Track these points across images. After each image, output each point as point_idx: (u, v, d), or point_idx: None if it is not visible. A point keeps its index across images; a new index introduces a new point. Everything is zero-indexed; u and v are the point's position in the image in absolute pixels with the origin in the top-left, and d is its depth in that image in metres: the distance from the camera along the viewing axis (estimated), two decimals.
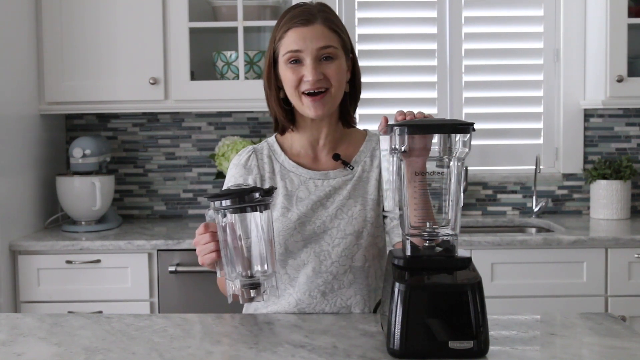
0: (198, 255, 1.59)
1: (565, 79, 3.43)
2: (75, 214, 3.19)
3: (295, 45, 1.66)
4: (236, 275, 1.52)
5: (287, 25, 1.69)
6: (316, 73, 1.66)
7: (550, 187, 3.49)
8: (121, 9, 3.14)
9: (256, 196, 1.49)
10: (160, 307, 2.91)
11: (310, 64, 1.66)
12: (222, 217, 1.51)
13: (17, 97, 3.04)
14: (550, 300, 2.88)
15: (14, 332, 1.59)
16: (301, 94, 1.69)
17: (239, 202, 1.49)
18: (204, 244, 1.57)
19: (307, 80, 1.66)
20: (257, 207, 1.50)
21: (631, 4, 3.14)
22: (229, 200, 1.50)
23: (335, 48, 1.69)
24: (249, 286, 1.52)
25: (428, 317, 1.35)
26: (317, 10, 1.71)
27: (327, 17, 1.70)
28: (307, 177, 1.77)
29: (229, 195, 1.50)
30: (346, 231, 1.73)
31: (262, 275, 1.52)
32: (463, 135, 1.42)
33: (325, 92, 1.69)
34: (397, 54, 3.46)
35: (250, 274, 1.52)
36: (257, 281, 1.52)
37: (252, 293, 1.52)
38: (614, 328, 1.57)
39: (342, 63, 1.71)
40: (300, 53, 1.67)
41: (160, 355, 1.42)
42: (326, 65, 1.68)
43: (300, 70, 1.67)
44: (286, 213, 1.73)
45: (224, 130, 3.50)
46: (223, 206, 1.50)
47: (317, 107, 1.68)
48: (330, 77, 1.68)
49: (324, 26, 1.68)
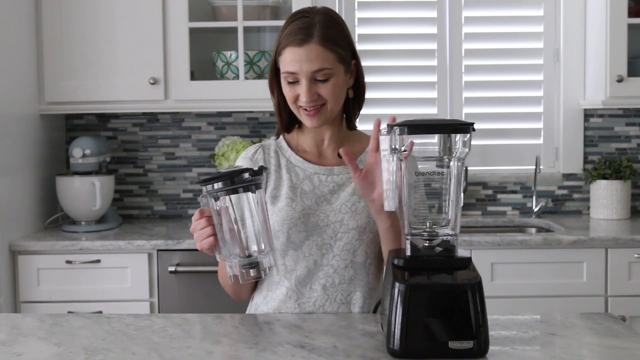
0: (196, 241, 1.62)
1: (565, 79, 3.44)
2: (75, 214, 3.19)
3: (291, 67, 1.70)
4: (234, 257, 1.54)
5: (285, 41, 1.71)
6: (310, 94, 1.70)
7: (550, 187, 3.49)
8: (121, 9, 3.14)
9: (246, 176, 1.52)
10: (160, 307, 2.91)
11: (305, 86, 1.69)
12: (214, 200, 1.54)
13: (17, 97, 3.04)
14: (550, 300, 2.88)
15: (14, 332, 1.59)
16: (299, 107, 1.74)
17: (230, 183, 1.51)
18: (201, 229, 1.60)
19: (302, 100, 1.71)
20: (248, 187, 1.52)
21: (631, 4, 3.14)
22: (220, 183, 1.51)
23: (330, 69, 1.70)
24: (247, 266, 1.54)
25: (428, 317, 1.35)
26: (316, 22, 1.70)
27: (323, 34, 1.69)
28: (312, 171, 1.80)
29: (219, 178, 1.52)
30: (349, 225, 1.74)
31: (260, 254, 1.54)
32: (463, 135, 1.42)
33: (321, 107, 1.73)
34: (397, 54, 3.47)
35: (247, 254, 1.54)
36: (255, 260, 1.55)
37: (252, 273, 1.54)
38: (614, 328, 1.57)
39: (338, 80, 1.72)
40: (296, 75, 1.70)
41: (160, 355, 1.42)
42: (321, 85, 1.71)
43: (296, 89, 1.72)
44: (291, 203, 1.75)
45: (224, 130, 3.50)
46: (215, 189, 1.52)
47: (312, 120, 1.74)
48: (325, 95, 1.71)
49: (319, 46, 1.68)
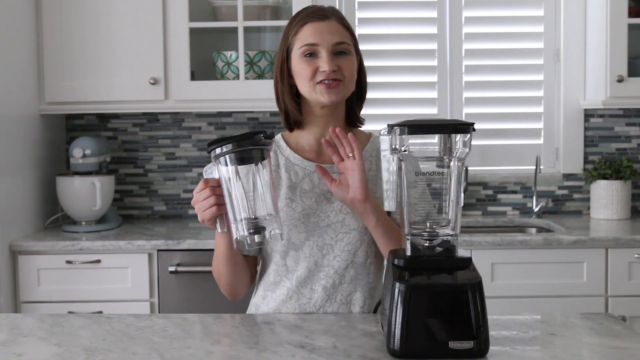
0: (197, 212, 1.61)
1: (565, 79, 3.44)
2: (75, 214, 3.19)
3: (312, 39, 1.72)
4: (240, 220, 1.53)
5: (303, 21, 1.75)
6: (332, 65, 1.71)
7: (550, 187, 3.49)
8: (121, 9, 3.14)
9: (260, 138, 1.51)
10: (160, 307, 2.91)
11: (326, 56, 1.71)
12: (221, 165, 1.53)
13: (17, 97, 3.04)
14: (550, 300, 2.88)
15: (14, 332, 1.59)
16: (315, 84, 1.73)
17: (240, 146, 1.51)
18: (204, 199, 1.58)
19: (323, 70, 1.71)
20: (255, 151, 1.52)
21: (631, 4, 3.14)
22: (229, 146, 1.51)
23: (349, 45, 1.75)
24: (253, 230, 1.54)
25: (428, 317, 1.35)
26: (330, 9, 1.79)
27: (340, 16, 1.78)
28: (312, 169, 1.79)
29: (227, 140, 1.51)
30: (350, 226, 1.74)
31: (266, 219, 1.54)
32: (463, 135, 1.42)
33: (339, 82, 1.73)
34: (397, 54, 3.47)
35: (254, 216, 1.54)
36: (262, 225, 1.54)
37: (257, 238, 1.54)
38: (614, 328, 1.57)
39: (354, 59, 1.77)
40: (317, 46, 1.72)
41: (160, 355, 1.42)
42: (341, 59, 1.73)
43: (315, 62, 1.72)
44: (290, 204, 1.75)
45: (224, 130, 3.50)
46: (224, 152, 1.51)
47: (330, 94, 1.72)
48: (344, 69, 1.73)
49: (338, 23, 1.75)
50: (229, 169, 1.53)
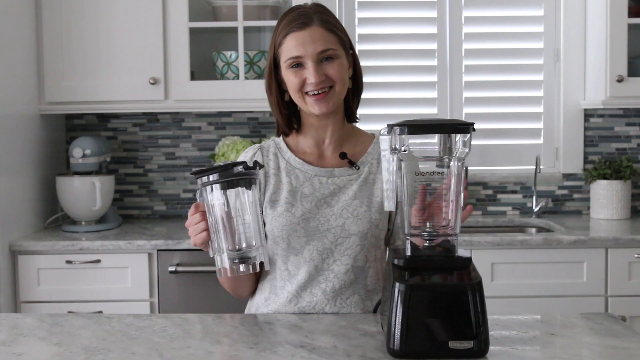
0: (190, 235, 1.61)
1: (565, 79, 3.44)
2: (75, 214, 3.19)
3: (295, 51, 1.70)
4: (224, 250, 1.52)
5: (285, 30, 1.72)
6: (318, 75, 1.69)
7: (550, 187, 3.49)
8: (121, 9, 3.14)
9: (239, 169, 1.50)
10: (160, 307, 2.91)
11: (312, 67, 1.69)
12: (207, 193, 1.52)
13: (17, 97, 3.04)
14: (550, 300, 2.88)
15: (14, 332, 1.59)
16: (304, 95, 1.72)
17: (223, 176, 1.50)
18: (195, 224, 1.58)
19: (310, 82, 1.69)
20: (240, 181, 1.51)
21: (631, 4, 3.14)
22: (214, 175, 1.50)
23: (335, 49, 1.72)
24: (238, 260, 1.53)
25: (428, 317, 1.35)
26: (313, 11, 1.74)
27: (323, 18, 1.73)
28: (312, 173, 1.78)
29: (213, 170, 1.51)
30: (350, 231, 1.73)
31: (251, 249, 1.53)
32: (463, 135, 1.42)
33: (329, 90, 1.72)
34: (397, 54, 3.46)
35: (238, 247, 1.53)
36: (246, 255, 1.53)
37: (242, 268, 1.53)
38: (614, 328, 1.57)
39: (342, 61, 1.74)
40: (301, 58, 1.70)
41: (160, 355, 1.42)
42: (328, 65, 1.71)
43: (302, 73, 1.70)
44: (290, 209, 1.74)
45: (224, 130, 3.50)
46: (210, 181, 1.51)
47: (321, 105, 1.71)
48: (333, 76, 1.71)
49: (321, 28, 1.71)
50: (213, 198, 1.51)
